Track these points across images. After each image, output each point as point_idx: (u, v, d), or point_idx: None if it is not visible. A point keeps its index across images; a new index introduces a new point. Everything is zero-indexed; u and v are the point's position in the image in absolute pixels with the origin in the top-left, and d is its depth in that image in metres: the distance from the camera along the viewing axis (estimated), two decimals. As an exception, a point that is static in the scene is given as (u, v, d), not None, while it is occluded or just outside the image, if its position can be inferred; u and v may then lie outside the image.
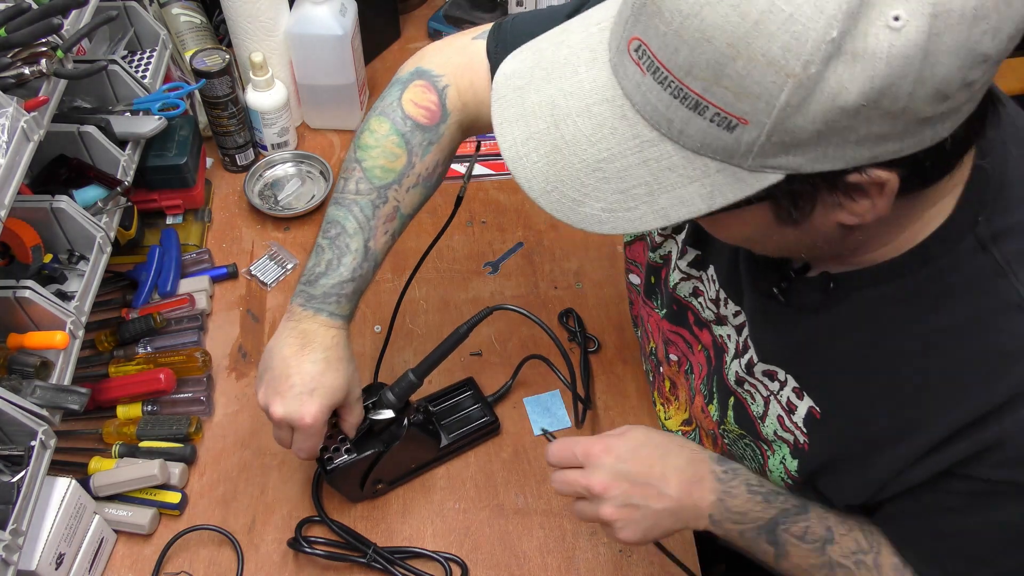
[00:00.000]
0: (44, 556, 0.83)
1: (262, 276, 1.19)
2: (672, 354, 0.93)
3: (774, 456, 0.79)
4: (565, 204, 0.57)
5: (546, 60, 0.60)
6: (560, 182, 0.57)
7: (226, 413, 1.06)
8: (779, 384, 0.76)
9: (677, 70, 0.50)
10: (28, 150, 0.82)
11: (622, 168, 0.55)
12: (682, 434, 0.97)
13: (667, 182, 0.54)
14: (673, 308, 0.89)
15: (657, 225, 0.56)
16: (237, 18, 1.25)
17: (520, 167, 0.58)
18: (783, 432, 0.76)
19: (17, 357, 0.88)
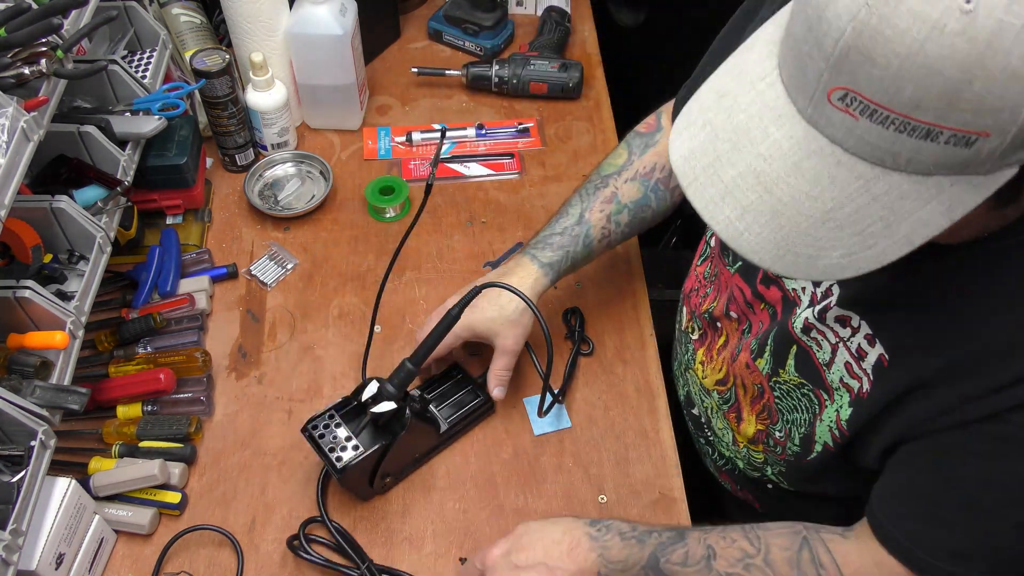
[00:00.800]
0: (44, 556, 0.83)
1: (262, 276, 1.19)
2: (732, 311, 0.95)
3: (831, 405, 0.81)
4: (801, 262, 0.57)
5: (724, 131, 0.59)
6: (791, 244, 0.56)
7: (226, 413, 1.06)
8: (851, 330, 0.77)
9: (902, 107, 0.49)
10: (28, 150, 0.82)
11: (852, 212, 0.54)
12: (718, 394, 0.99)
13: (903, 210, 0.54)
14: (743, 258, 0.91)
15: (901, 253, 0.55)
16: (237, 18, 1.24)
17: (744, 243, 0.57)
18: (850, 379, 0.78)
19: (17, 357, 0.88)
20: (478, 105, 1.44)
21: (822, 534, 0.80)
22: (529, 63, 1.41)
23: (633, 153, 1.06)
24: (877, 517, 0.76)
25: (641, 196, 1.05)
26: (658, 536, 0.82)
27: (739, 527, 0.82)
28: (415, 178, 1.32)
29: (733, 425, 0.98)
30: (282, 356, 1.11)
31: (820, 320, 0.81)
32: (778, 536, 0.81)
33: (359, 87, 1.35)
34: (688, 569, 0.81)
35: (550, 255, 1.02)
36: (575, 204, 1.05)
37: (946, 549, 0.71)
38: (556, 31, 1.49)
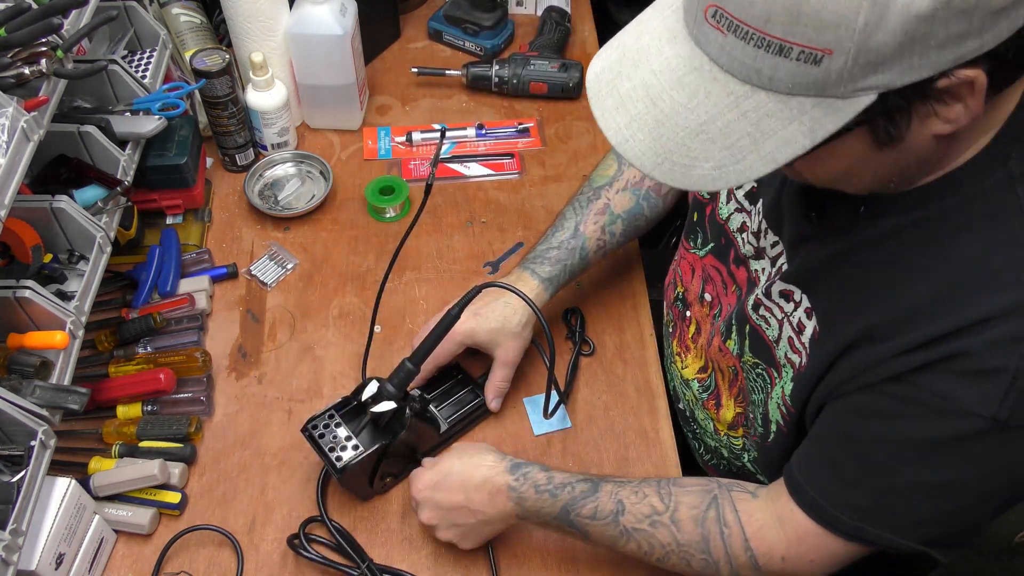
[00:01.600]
0: (44, 556, 0.83)
1: (262, 276, 1.19)
2: (708, 293, 0.97)
3: (779, 382, 0.84)
4: (677, 171, 0.61)
5: (631, 51, 0.64)
6: (668, 152, 0.61)
7: (226, 413, 1.06)
8: (793, 305, 0.81)
9: (756, 21, 0.54)
10: (28, 150, 0.82)
11: (723, 126, 0.59)
12: (698, 383, 1.01)
13: (768, 128, 0.58)
14: (721, 241, 0.95)
15: (767, 170, 0.59)
16: (237, 18, 1.24)
17: (629, 149, 0.62)
18: (792, 354, 0.82)
19: (17, 357, 0.88)
20: (478, 105, 1.44)
21: (733, 492, 0.83)
22: (529, 63, 1.41)
23: (622, 163, 1.09)
24: (792, 472, 0.79)
25: (633, 205, 1.08)
26: (571, 490, 0.86)
27: (655, 481, 0.86)
28: (415, 178, 1.32)
29: (713, 413, 0.98)
30: (282, 356, 1.11)
31: (767, 296, 0.84)
32: (689, 494, 0.84)
33: (359, 87, 1.35)
34: (596, 522, 0.85)
35: (548, 269, 1.04)
36: (569, 217, 1.08)
37: (851, 505, 0.74)
38: (556, 31, 1.49)
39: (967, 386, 0.66)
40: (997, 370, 0.64)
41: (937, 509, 0.72)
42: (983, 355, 0.65)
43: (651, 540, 0.83)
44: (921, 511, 0.72)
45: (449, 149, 1.37)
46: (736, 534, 0.81)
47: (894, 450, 0.72)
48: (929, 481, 0.71)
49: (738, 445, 0.96)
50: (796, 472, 0.79)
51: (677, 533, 0.82)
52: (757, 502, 0.82)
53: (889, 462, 0.72)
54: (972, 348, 0.65)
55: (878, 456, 0.73)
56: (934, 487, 0.71)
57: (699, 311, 0.99)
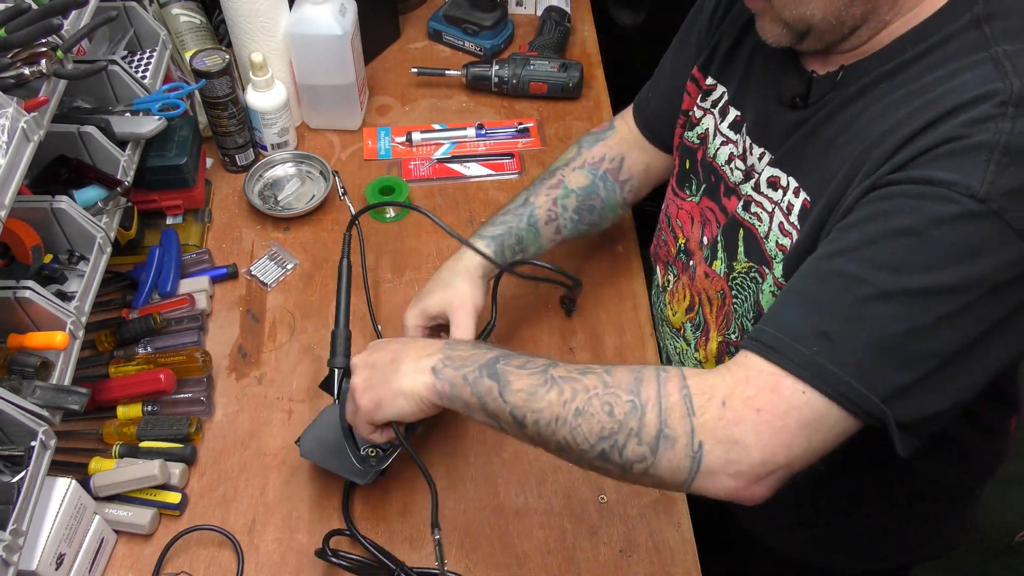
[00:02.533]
0: (44, 556, 0.83)
1: (262, 276, 1.19)
2: (706, 236, 0.97)
3: (769, 275, 0.84)
4: None
5: None
6: None
7: (226, 413, 1.06)
8: (782, 191, 0.83)
9: None
10: (28, 150, 0.82)
11: None
12: (690, 323, 1.01)
13: None
14: (711, 180, 0.96)
15: None
16: (237, 18, 1.25)
17: None
18: (783, 238, 0.82)
19: (17, 357, 0.88)
20: (478, 105, 1.44)
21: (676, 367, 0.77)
22: (529, 63, 1.41)
23: (582, 147, 1.11)
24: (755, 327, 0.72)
25: (589, 183, 1.08)
26: (509, 351, 0.80)
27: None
28: (415, 178, 1.32)
29: (702, 353, 0.98)
30: (282, 356, 1.11)
31: (756, 190, 0.86)
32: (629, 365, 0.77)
33: (359, 87, 1.35)
34: (524, 371, 0.76)
35: (492, 230, 1.04)
36: (522, 193, 1.09)
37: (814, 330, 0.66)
38: (556, 31, 1.49)
39: (944, 168, 0.64)
40: (974, 147, 0.64)
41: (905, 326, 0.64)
42: (956, 138, 0.65)
43: (575, 385, 0.73)
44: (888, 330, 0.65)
45: (449, 149, 1.37)
46: (675, 375, 0.71)
47: (865, 256, 0.66)
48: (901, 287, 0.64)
49: None
50: (760, 323, 0.71)
51: (607, 377, 0.73)
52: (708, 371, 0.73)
53: (859, 271, 0.66)
54: (945, 135, 0.65)
55: (848, 267, 0.67)
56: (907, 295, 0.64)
57: (700, 255, 0.99)
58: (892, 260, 0.65)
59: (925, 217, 0.64)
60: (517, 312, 1.16)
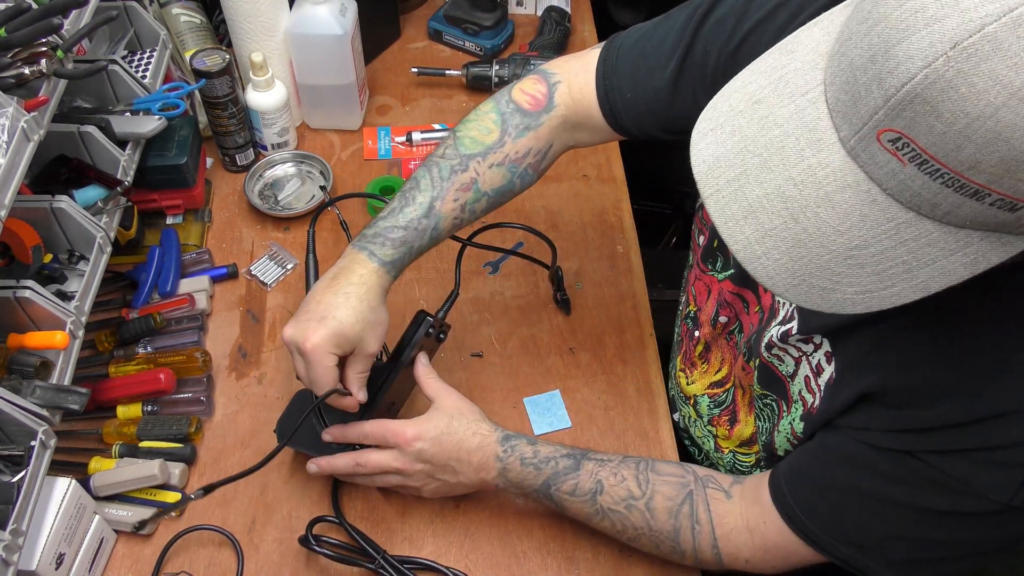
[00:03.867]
0: (44, 556, 0.83)
1: (262, 276, 1.19)
2: (723, 316, 0.95)
3: (787, 417, 0.83)
4: (814, 294, 0.55)
5: (755, 144, 0.56)
6: (808, 275, 0.55)
7: (226, 413, 1.06)
8: (814, 346, 0.78)
9: (957, 165, 0.47)
10: (28, 150, 0.82)
11: (876, 252, 0.53)
12: (709, 398, 0.99)
13: (927, 257, 0.52)
14: (741, 270, 0.88)
15: (916, 297, 0.54)
16: (237, 18, 1.24)
17: (760, 267, 0.56)
18: (806, 393, 0.80)
19: (17, 357, 0.88)
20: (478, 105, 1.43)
21: (708, 489, 0.85)
22: (529, 63, 1.41)
23: (507, 134, 0.92)
24: (780, 484, 0.80)
25: (505, 183, 0.94)
26: (554, 465, 0.88)
27: (634, 462, 0.88)
28: (415, 178, 1.32)
29: (721, 430, 0.97)
30: (282, 356, 1.11)
31: (782, 340, 0.81)
32: (665, 484, 0.86)
33: (359, 87, 1.35)
34: (575, 499, 0.88)
35: (391, 253, 0.89)
36: (424, 189, 0.91)
37: (835, 534, 0.76)
38: (556, 31, 1.49)
39: (986, 473, 0.65)
40: (1019, 463, 0.64)
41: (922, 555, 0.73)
42: (1007, 449, 0.64)
43: (624, 522, 0.86)
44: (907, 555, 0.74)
45: (449, 149, 1.37)
46: (706, 533, 0.84)
47: (894, 507, 0.72)
48: (921, 537, 0.72)
49: (748, 462, 0.95)
50: (783, 481, 0.80)
51: (651, 519, 0.85)
52: (730, 504, 0.84)
53: (887, 516, 0.73)
54: (997, 441, 0.64)
55: (875, 509, 0.73)
56: (925, 542, 0.72)
57: (709, 332, 0.98)
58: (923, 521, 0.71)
59: (952, 507, 0.68)
60: (517, 312, 1.16)
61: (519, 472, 0.89)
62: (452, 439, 0.89)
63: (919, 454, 0.69)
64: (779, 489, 0.80)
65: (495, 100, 0.95)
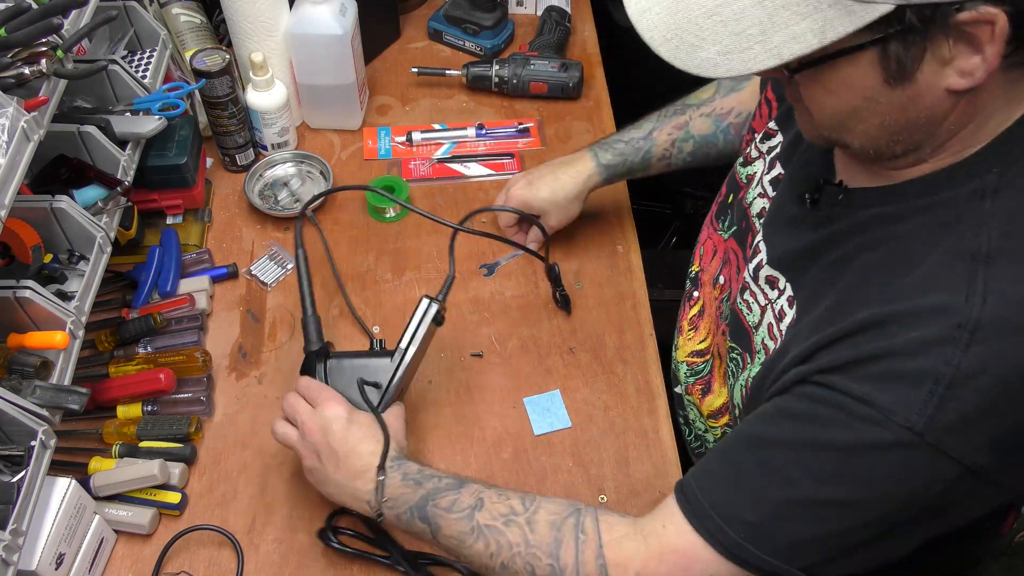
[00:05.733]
0: (44, 556, 0.83)
1: (262, 276, 1.19)
2: (723, 275, 0.96)
3: (749, 367, 0.83)
4: (683, 50, 0.61)
5: None
6: (680, 29, 0.61)
7: (226, 413, 1.06)
8: (777, 292, 0.82)
9: None
10: (28, 150, 0.82)
11: (738, 11, 0.59)
12: (687, 366, 1.00)
13: (780, 20, 0.58)
14: (742, 225, 0.95)
15: (770, 64, 0.59)
16: (237, 18, 1.24)
17: (643, 20, 0.63)
18: (768, 340, 0.81)
19: (17, 357, 0.88)
20: (478, 105, 1.44)
21: (600, 511, 0.80)
22: (529, 63, 1.41)
23: (719, 92, 1.13)
24: (686, 479, 0.76)
25: (711, 133, 1.11)
26: (437, 482, 0.84)
27: (522, 493, 0.83)
28: (415, 178, 1.32)
29: (696, 399, 0.98)
30: (282, 356, 1.11)
31: (754, 279, 0.84)
32: (552, 503, 0.81)
33: (359, 87, 1.35)
34: (451, 515, 0.82)
35: (610, 157, 1.12)
36: (650, 120, 1.14)
37: (742, 519, 0.70)
38: (556, 31, 1.49)
39: (886, 389, 0.63)
40: (920, 373, 0.62)
41: (827, 529, 0.68)
42: (905, 356, 0.62)
43: (500, 539, 0.79)
44: (811, 531, 0.69)
45: (449, 149, 1.37)
46: (592, 540, 0.77)
47: (795, 458, 0.68)
48: (826, 498, 0.67)
49: (716, 435, 0.96)
50: (690, 478, 0.75)
51: (529, 533, 0.79)
52: (624, 520, 0.79)
53: (789, 471, 0.69)
54: (894, 348, 0.63)
55: (779, 462, 0.69)
56: (830, 504, 0.68)
57: (709, 292, 0.99)
58: (822, 471, 0.67)
59: (859, 440, 0.65)
60: (517, 312, 1.16)
61: (397, 487, 0.84)
62: (356, 434, 0.87)
63: (821, 377, 0.67)
64: (686, 477, 0.76)
65: None
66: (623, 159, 1.12)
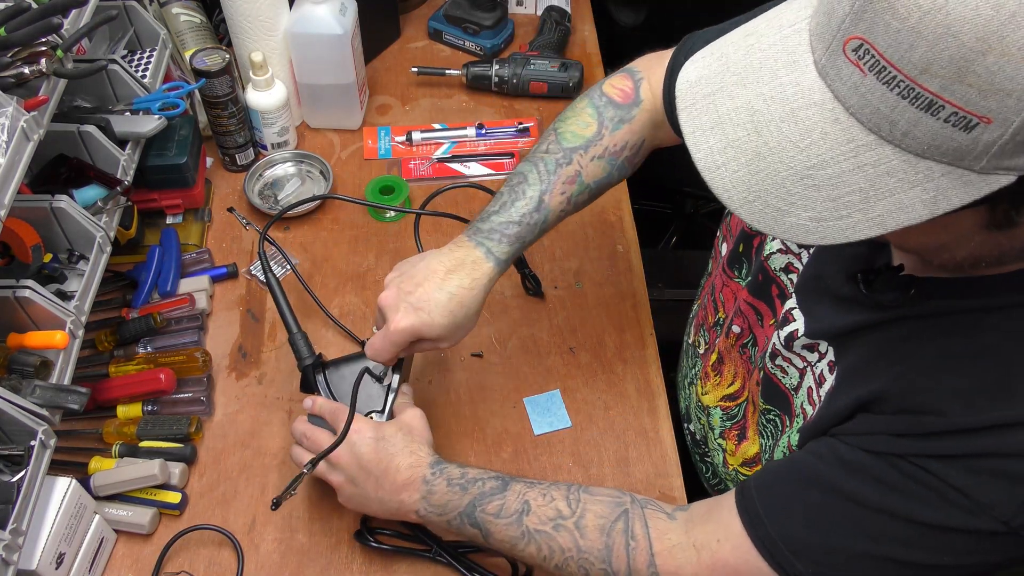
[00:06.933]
0: (44, 556, 0.83)
1: (262, 276, 1.19)
2: (736, 325, 0.93)
3: (789, 431, 0.81)
4: (768, 214, 0.55)
5: (736, 65, 0.57)
6: (764, 191, 0.54)
7: (226, 413, 1.06)
8: (818, 355, 0.77)
9: (910, 68, 0.47)
10: (28, 150, 0.82)
11: (834, 175, 0.52)
12: (721, 410, 0.97)
13: (884, 188, 0.51)
14: (758, 279, 0.89)
15: (872, 235, 0.53)
16: (237, 17, 1.24)
17: (718, 177, 0.56)
18: (807, 405, 0.78)
19: (17, 357, 0.88)
20: (478, 105, 1.44)
21: (646, 510, 0.80)
22: (529, 63, 1.41)
23: (604, 127, 0.94)
24: (752, 499, 0.74)
25: (605, 175, 0.95)
26: (481, 485, 0.83)
27: (565, 486, 0.83)
28: (415, 178, 1.32)
29: (730, 445, 0.96)
30: (282, 356, 1.11)
31: (786, 347, 0.81)
32: (598, 503, 0.81)
33: (359, 87, 1.35)
34: (500, 520, 0.82)
35: (507, 250, 0.89)
36: (533, 183, 0.92)
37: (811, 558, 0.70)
38: (556, 31, 1.49)
39: (990, 485, 0.62)
40: (1015, 475, 0.61)
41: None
42: (1013, 459, 0.61)
43: (551, 544, 0.80)
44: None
45: (449, 149, 1.37)
46: (643, 549, 0.77)
47: (879, 520, 0.67)
48: (905, 559, 0.67)
49: None
50: (756, 502, 0.73)
51: (580, 539, 0.79)
52: (673, 523, 0.78)
53: (870, 528, 0.68)
54: (1004, 450, 0.61)
55: (859, 517, 0.68)
56: (909, 566, 0.67)
57: (724, 342, 0.97)
58: (906, 537, 0.66)
59: (948, 522, 0.64)
60: (517, 312, 1.16)
61: (444, 494, 0.84)
62: (388, 449, 0.85)
63: (916, 459, 0.65)
64: (747, 493, 0.75)
65: (588, 96, 0.97)
66: (520, 243, 0.90)
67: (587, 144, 0.94)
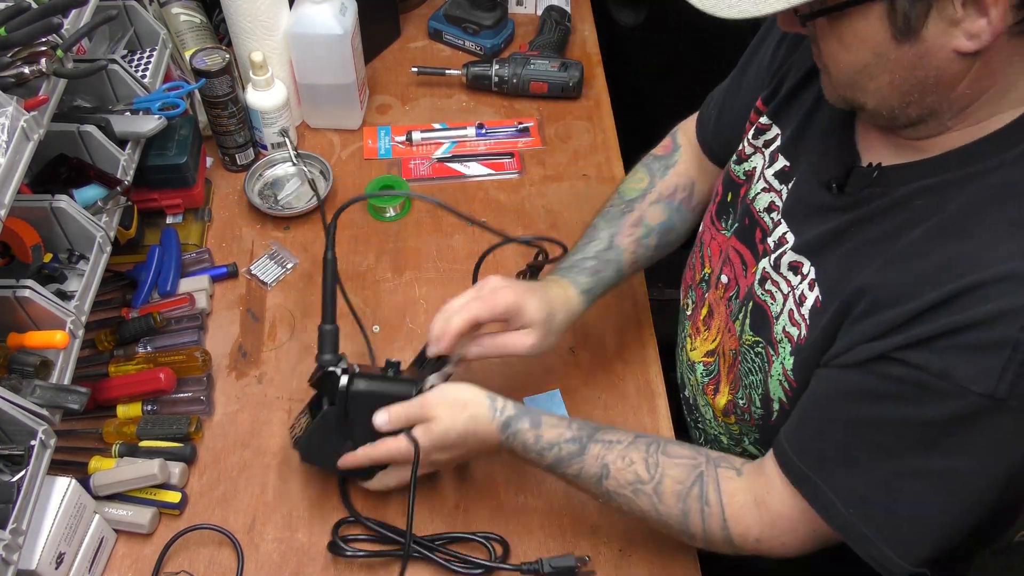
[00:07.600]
0: (44, 555, 0.83)
1: (262, 276, 1.19)
2: (724, 275, 0.96)
3: (777, 359, 0.84)
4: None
5: None
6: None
7: (226, 413, 1.06)
8: (800, 277, 0.82)
9: None
10: (28, 149, 0.82)
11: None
12: (703, 366, 1.00)
13: None
14: (744, 222, 0.93)
15: (779, 7, 0.62)
16: (237, 17, 1.24)
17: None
18: (790, 327, 0.82)
19: (17, 357, 0.88)
20: (478, 104, 1.44)
21: (720, 468, 0.84)
22: (529, 63, 1.41)
23: (654, 176, 1.09)
24: (784, 449, 0.79)
25: (666, 219, 1.06)
26: (558, 451, 0.86)
27: (644, 445, 0.86)
28: (415, 178, 1.32)
29: (710, 399, 0.98)
30: (282, 356, 1.11)
31: (775, 268, 0.85)
32: (676, 467, 0.84)
33: (359, 86, 1.35)
34: (580, 482, 0.87)
35: (585, 281, 0.99)
36: (602, 228, 1.04)
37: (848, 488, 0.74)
38: (556, 31, 1.49)
39: (964, 362, 0.65)
40: (996, 343, 0.63)
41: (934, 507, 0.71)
42: (981, 328, 0.64)
43: (631, 504, 0.85)
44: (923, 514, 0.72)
45: (449, 149, 1.37)
46: (716, 514, 0.82)
47: (900, 432, 0.71)
48: (927, 469, 0.70)
49: (736, 431, 0.96)
50: (784, 440, 0.79)
51: (658, 504, 0.84)
52: (740, 481, 0.83)
53: (895, 444, 0.71)
54: (969, 320, 0.64)
55: (884, 438, 0.72)
56: (935, 477, 0.70)
57: (714, 294, 0.99)
58: (915, 445, 0.70)
59: (945, 413, 0.67)
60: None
61: (522, 456, 0.89)
62: (451, 438, 0.88)
63: (897, 352, 0.68)
64: (780, 445, 0.80)
65: (641, 161, 1.12)
66: (597, 278, 0.99)
67: (643, 193, 1.07)
